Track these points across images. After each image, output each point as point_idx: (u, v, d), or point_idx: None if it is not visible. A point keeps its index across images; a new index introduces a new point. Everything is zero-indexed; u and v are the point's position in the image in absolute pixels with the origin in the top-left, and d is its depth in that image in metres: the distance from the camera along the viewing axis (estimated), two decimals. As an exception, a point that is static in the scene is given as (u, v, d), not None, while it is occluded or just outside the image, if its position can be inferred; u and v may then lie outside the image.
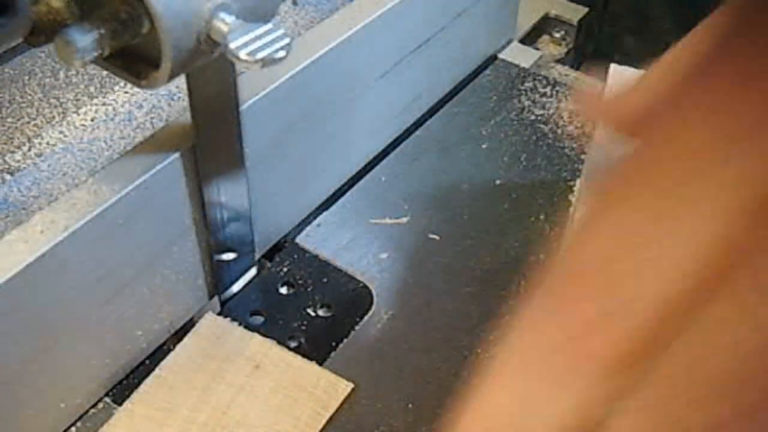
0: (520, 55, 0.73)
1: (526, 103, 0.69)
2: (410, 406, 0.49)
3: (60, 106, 0.52)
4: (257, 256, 0.55)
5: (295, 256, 0.57)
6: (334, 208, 0.60)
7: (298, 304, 0.54)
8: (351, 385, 0.49)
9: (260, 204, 0.53)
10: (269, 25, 0.37)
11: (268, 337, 0.52)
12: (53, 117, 0.51)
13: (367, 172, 0.63)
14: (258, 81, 0.49)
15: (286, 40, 0.37)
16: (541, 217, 0.60)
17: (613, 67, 0.57)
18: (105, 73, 0.53)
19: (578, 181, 0.62)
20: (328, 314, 0.53)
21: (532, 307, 0.24)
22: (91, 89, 0.53)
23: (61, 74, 0.54)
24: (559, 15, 0.76)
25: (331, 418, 0.48)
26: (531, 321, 0.25)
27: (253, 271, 0.56)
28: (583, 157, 0.64)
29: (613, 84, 0.56)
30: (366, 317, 0.53)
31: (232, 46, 0.36)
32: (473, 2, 0.66)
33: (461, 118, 0.68)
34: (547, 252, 0.57)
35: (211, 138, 0.46)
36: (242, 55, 0.36)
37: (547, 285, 0.24)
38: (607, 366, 0.22)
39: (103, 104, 0.52)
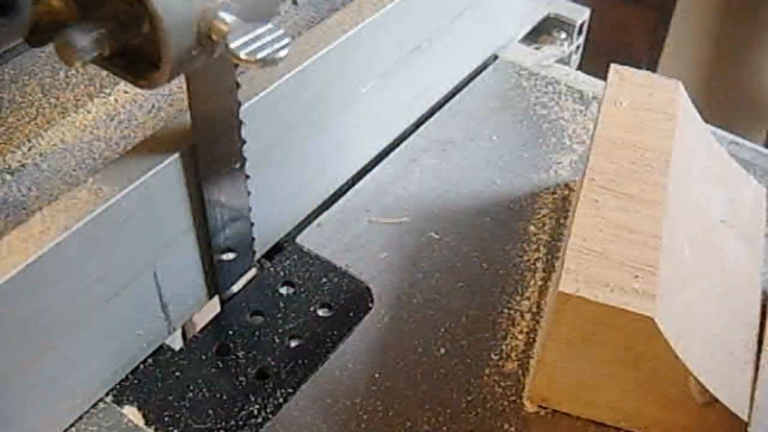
0: (521, 55, 0.73)
1: (527, 102, 0.69)
2: (410, 405, 0.49)
3: (60, 106, 0.52)
4: (257, 256, 0.55)
5: (295, 256, 0.57)
6: (334, 208, 0.60)
7: (298, 304, 0.54)
8: None
9: (260, 204, 0.53)
10: (269, 25, 0.37)
11: (268, 336, 0.52)
12: (53, 117, 0.51)
13: (367, 172, 0.63)
14: (258, 81, 0.49)
15: (286, 40, 0.37)
16: (542, 216, 0.60)
17: (613, 66, 0.58)
18: (105, 73, 0.52)
19: (578, 181, 0.62)
20: (328, 314, 0.53)
21: None
22: (91, 89, 0.53)
23: (61, 74, 0.54)
24: (559, 15, 0.76)
25: (330, 418, 0.48)
26: None
27: (253, 271, 0.56)
28: (583, 156, 0.64)
29: (612, 83, 0.56)
30: (366, 317, 0.53)
31: (232, 46, 0.36)
32: (473, 2, 0.66)
33: (461, 118, 0.68)
34: (547, 251, 0.57)
35: (211, 138, 0.46)
36: (242, 55, 0.36)
37: None
38: None
39: (103, 104, 0.52)
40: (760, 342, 0.48)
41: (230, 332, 0.52)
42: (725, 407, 0.44)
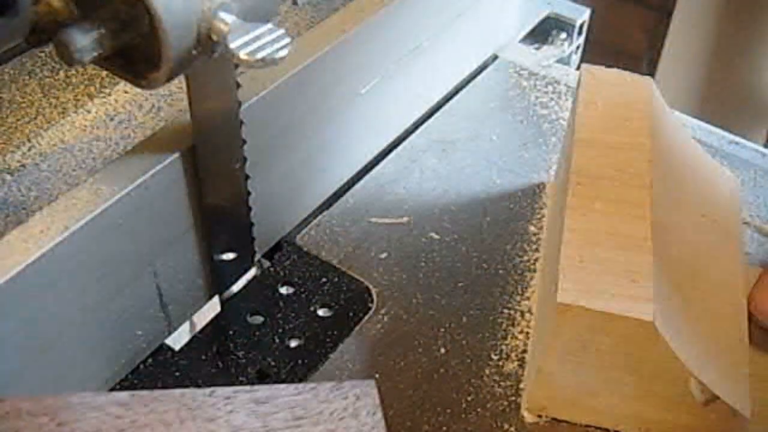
0: (521, 55, 0.73)
1: (527, 102, 0.69)
2: (410, 405, 0.49)
3: (60, 106, 0.52)
4: (257, 256, 0.55)
5: (295, 256, 0.57)
6: (334, 208, 0.60)
7: (298, 304, 0.54)
8: None
9: (260, 204, 0.53)
10: (269, 25, 0.37)
11: (268, 336, 0.52)
12: (53, 117, 0.51)
13: (367, 172, 0.63)
14: (258, 81, 0.49)
15: (286, 40, 0.37)
16: (542, 216, 0.60)
17: (584, 66, 0.57)
18: (105, 73, 0.53)
19: (556, 183, 0.62)
20: (328, 314, 0.53)
21: None
22: (91, 89, 0.53)
23: (61, 74, 0.54)
24: (559, 15, 0.76)
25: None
26: None
27: (253, 271, 0.56)
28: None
29: (585, 83, 0.56)
30: (366, 317, 0.53)
31: (232, 46, 0.36)
32: (473, 2, 0.66)
33: (461, 118, 0.68)
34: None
35: (211, 138, 0.46)
36: (242, 55, 0.36)
37: None
38: None
39: (103, 104, 0.52)
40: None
41: (230, 332, 0.52)
42: (726, 404, 0.44)
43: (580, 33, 0.77)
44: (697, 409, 0.45)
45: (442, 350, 0.52)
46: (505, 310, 0.54)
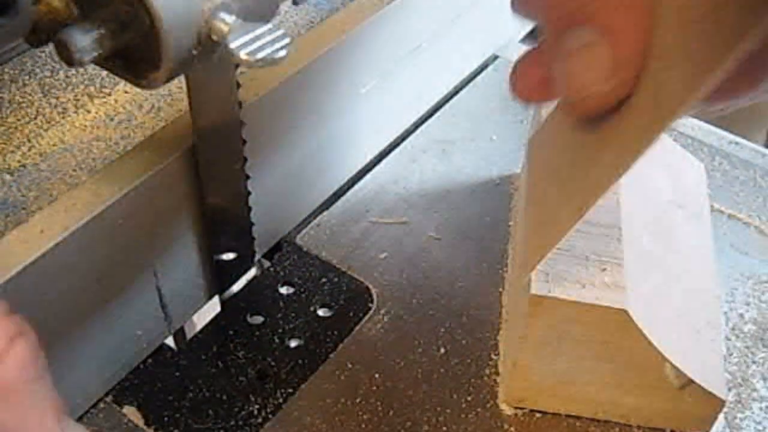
0: (521, 55, 0.73)
1: (526, 103, 0.69)
2: (410, 404, 0.49)
3: (60, 106, 0.52)
4: (257, 256, 0.55)
5: (295, 256, 0.57)
6: (334, 208, 0.60)
7: (298, 304, 0.54)
8: None
9: (260, 204, 0.53)
10: (269, 25, 0.37)
11: (268, 336, 0.52)
12: (53, 117, 0.51)
13: (367, 172, 0.63)
14: (258, 81, 0.49)
15: (286, 40, 0.37)
16: (541, 217, 0.60)
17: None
18: (105, 73, 0.53)
19: (522, 177, 0.62)
20: (328, 314, 0.53)
21: None
22: (91, 89, 0.53)
23: (61, 74, 0.54)
24: (559, 15, 0.76)
25: (330, 418, 0.48)
26: None
27: (253, 271, 0.56)
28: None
29: None
30: (366, 317, 0.53)
31: (232, 46, 0.36)
32: (473, 2, 0.66)
33: (461, 118, 0.68)
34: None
35: (211, 138, 0.46)
36: (242, 55, 0.36)
37: None
38: None
39: (103, 104, 0.52)
40: None
41: (230, 332, 0.52)
42: (701, 387, 0.45)
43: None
44: (673, 394, 0.46)
45: (442, 350, 0.52)
46: (505, 310, 0.54)
